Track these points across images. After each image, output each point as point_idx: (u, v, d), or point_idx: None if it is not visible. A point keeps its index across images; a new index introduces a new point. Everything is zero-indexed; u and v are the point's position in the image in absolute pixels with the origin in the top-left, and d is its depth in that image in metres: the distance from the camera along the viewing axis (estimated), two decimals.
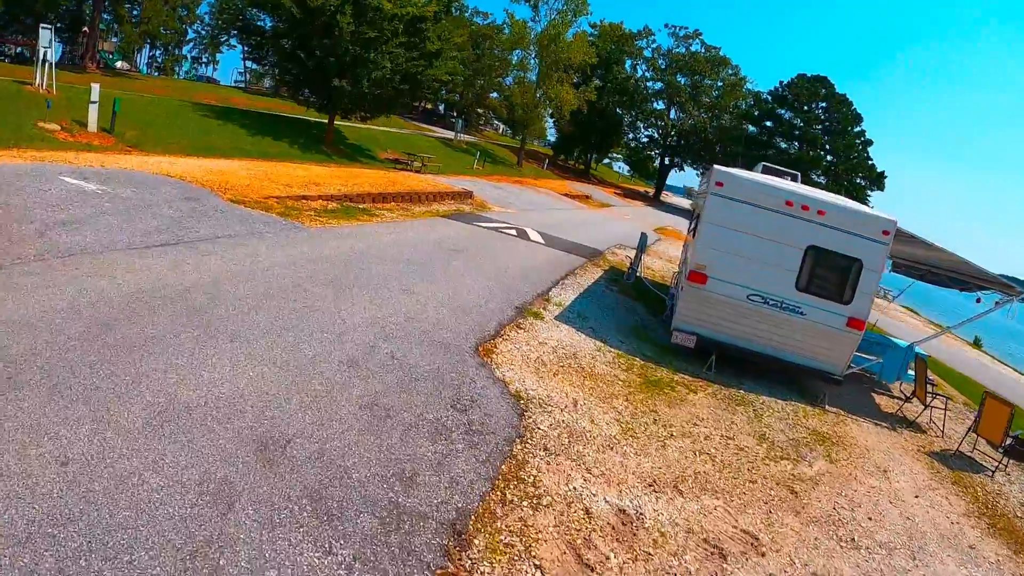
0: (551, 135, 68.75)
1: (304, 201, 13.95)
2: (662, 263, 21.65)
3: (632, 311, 12.66)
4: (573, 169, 71.86)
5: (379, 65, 23.74)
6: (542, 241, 17.42)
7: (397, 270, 10.06)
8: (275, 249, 9.56)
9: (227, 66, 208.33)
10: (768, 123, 65.89)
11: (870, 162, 61.19)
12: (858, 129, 61.87)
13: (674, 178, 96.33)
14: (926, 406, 10.55)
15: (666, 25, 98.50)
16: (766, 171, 12.64)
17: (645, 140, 76.91)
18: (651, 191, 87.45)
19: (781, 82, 67.62)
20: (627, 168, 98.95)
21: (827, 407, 9.82)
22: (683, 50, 69.31)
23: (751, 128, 68.25)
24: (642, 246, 15.67)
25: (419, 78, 26.33)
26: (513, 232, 17.56)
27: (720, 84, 69.67)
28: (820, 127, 61.85)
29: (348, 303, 7.96)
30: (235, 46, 69.04)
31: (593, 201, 43.59)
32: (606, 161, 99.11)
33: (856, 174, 60.52)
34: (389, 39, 23.86)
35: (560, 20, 46.29)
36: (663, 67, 70.16)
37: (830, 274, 9.96)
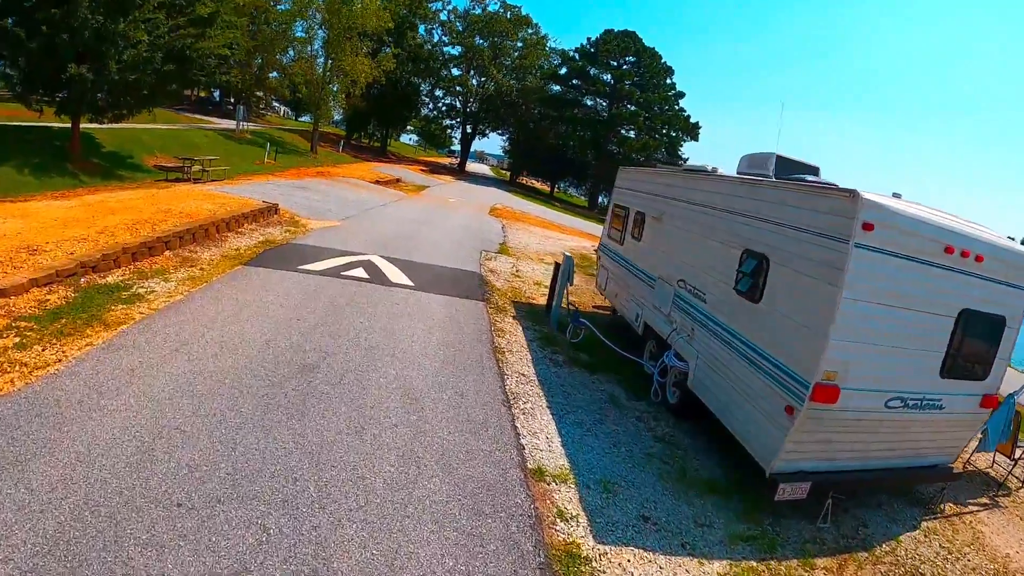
0: (338, 114, 61.47)
1: None
2: (546, 269, 17.16)
3: (620, 407, 8.08)
4: (369, 148, 66.38)
5: (132, 39, 16.16)
6: (408, 281, 11.98)
7: (217, 551, 4.11)
8: None
9: None
10: (576, 81, 63.67)
11: (684, 113, 61.51)
12: (670, 81, 61.79)
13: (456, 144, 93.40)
14: (1015, 461, 8.67)
15: None
16: (749, 159, 8.85)
17: (445, 109, 71.76)
18: (454, 162, 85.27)
19: (588, 39, 65.61)
20: (416, 139, 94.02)
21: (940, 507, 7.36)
22: (480, 11, 64.77)
23: (555, 88, 65.90)
24: (568, 276, 10.96)
25: (189, 54, 18.76)
26: (361, 272, 11.91)
27: (521, 45, 66.40)
28: (630, 82, 60.74)
29: None
30: None
31: (407, 185, 38.76)
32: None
33: (672, 126, 60.61)
34: (144, 2, 16.32)
35: None
36: (461, 30, 65.01)
37: (976, 345, 6.41)
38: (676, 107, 61.57)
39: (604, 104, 63.13)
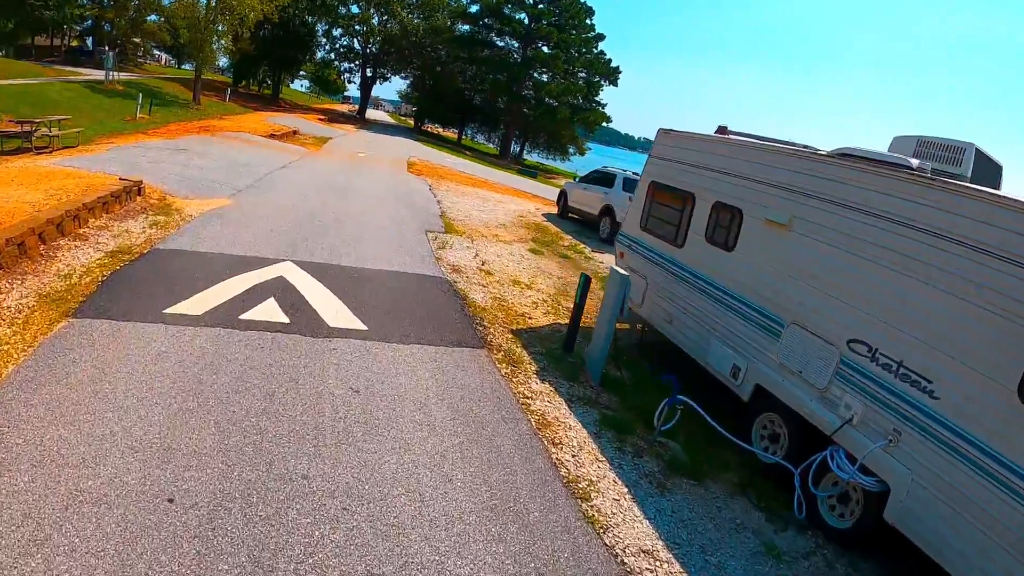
0: (224, 60, 54.56)
1: None
2: (512, 252, 13.38)
3: (784, 561, 4.74)
4: (259, 96, 60.57)
5: None
6: (354, 320, 7.61)
7: None
8: None
9: None
10: (488, 20, 58.10)
11: (605, 57, 57.65)
12: (590, 23, 57.36)
13: (351, 90, 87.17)
14: None
15: None
16: (920, 147, 5.70)
17: (343, 51, 64.80)
18: (352, 110, 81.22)
19: None
20: (308, 86, 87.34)
21: None
22: None
23: (465, 28, 60.37)
24: (620, 304, 7.19)
25: None
26: (274, 309, 7.47)
27: None
28: (548, 22, 55.89)
29: None
30: None
31: (307, 137, 33.80)
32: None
33: (592, 70, 56.72)
34: None
35: None
36: None
37: None
38: (596, 50, 57.72)
39: (517, 45, 58.50)
